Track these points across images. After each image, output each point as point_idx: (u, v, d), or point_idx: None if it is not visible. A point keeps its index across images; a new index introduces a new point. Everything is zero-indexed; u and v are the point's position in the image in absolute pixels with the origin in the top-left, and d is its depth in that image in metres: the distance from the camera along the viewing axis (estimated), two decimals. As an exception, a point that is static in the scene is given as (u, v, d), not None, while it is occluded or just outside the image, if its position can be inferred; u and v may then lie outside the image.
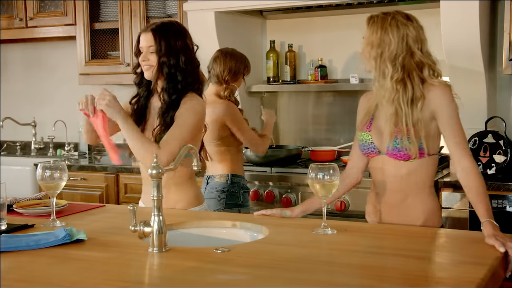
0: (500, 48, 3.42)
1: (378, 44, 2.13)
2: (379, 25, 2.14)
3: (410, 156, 2.12)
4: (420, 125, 2.10)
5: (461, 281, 1.51)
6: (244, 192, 3.22)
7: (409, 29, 2.12)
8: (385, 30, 2.12)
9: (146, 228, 1.84)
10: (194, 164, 2.09)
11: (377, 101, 2.20)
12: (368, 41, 2.17)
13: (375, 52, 2.14)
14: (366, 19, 2.21)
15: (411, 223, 2.17)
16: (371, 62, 2.16)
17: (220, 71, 3.19)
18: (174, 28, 2.50)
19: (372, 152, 2.21)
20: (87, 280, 1.57)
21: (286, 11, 4.00)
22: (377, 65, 2.15)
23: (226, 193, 3.16)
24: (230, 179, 3.18)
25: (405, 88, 2.11)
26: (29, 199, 2.53)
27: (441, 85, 2.13)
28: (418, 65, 2.13)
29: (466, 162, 2.08)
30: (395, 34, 2.11)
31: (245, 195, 3.22)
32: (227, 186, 3.17)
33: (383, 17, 2.15)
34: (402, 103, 2.10)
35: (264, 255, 1.77)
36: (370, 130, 2.22)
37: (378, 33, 2.13)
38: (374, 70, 2.16)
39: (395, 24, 2.12)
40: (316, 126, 4.10)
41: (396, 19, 2.13)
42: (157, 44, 2.44)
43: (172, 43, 2.45)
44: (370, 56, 2.16)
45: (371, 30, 2.16)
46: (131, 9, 4.18)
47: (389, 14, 2.16)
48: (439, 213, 2.25)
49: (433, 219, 2.20)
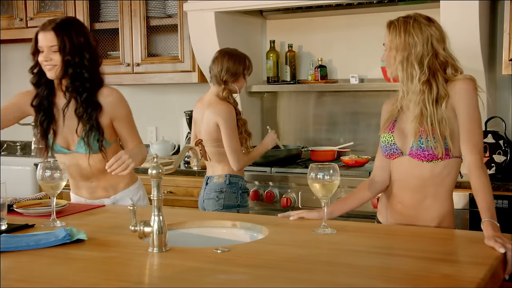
0: (500, 48, 3.42)
1: (404, 48, 2.11)
2: (402, 28, 2.12)
3: (435, 156, 2.10)
4: (445, 124, 2.08)
5: (461, 281, 1.51)
6: (243, 192, 3.21)
7: (432, 29, 2.12)
8: (409, 33, 2.11)
9: (146, 228, 1.84)
10: (194, 164, 2.09)
11: (402, 105, 2.18)
12: (392, 45, 2.14)
13: (401, 56, 2.12)
14: (386, 24, 2.18)
15: (425, 224, 2.16)
16: (397, 66, 2.14)
17: (218, 72, 3.17)
18: (76, 25, 2.49)
19: (395, 153, 2.19)
20: (87, 280, 1.57)
21: (286, 11, 4.00)
22: (404, 69, 2.12)
23: (224, 194, 3.16)
24: (229, 180, 3.18)
25: (430, 88, 2.10)
26: (29, 199, 2.53)
27: (464, 79, 2.11)
28: (442, 65, 2.13)
29: (471, 158, 2.06)
30: (419, 36, 2.10)
31: (244, 196, 3.22)
32: (225, 187, 3.17)
33: (404, 20, 2.14)
34: (428, 103, 2.09)
35: (264, 255, 1.77)
36: (392, 131, 2.20)
37: (402, 36, 2.11)
38: (401, 74, 2.13)
39: (418, 26, 2.11)
40: (316, 126, 4.09)
41: (419, 21, 2.12)
42: (61, 42, 2.41)
43: (75, 41, 2.44)
44: (396, 60, 2.14)
45: (393, 34, 2.14)
46: (131, 9, 4.18)
47: (410, 17, 2.15)
48: (453, 215, 2.23)
49: (448, 222, 2.19)
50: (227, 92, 3.17)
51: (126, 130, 2.57)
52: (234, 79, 3.19)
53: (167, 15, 4.17)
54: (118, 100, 2.54)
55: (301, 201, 3.44)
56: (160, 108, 4.58)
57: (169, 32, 4.18)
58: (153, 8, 4.16)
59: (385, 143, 2.22)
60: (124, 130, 2.57)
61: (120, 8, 4.22)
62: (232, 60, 3.19)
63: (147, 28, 4.17)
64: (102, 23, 4.36)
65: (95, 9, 4.37)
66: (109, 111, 2.51)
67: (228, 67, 3.16)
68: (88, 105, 2.46)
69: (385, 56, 2.20)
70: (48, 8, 4.52)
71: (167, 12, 4.17)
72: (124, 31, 4.22)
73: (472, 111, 2.09)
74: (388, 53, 2.18)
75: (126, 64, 4.23)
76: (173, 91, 4.50)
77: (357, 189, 2.34)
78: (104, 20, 4.36)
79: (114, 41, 4.43)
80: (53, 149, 2.56)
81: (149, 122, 4.57)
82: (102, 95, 2.51)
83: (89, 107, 2.46)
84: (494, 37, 3.50)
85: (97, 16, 4.37)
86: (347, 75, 3.92)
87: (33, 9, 4.52)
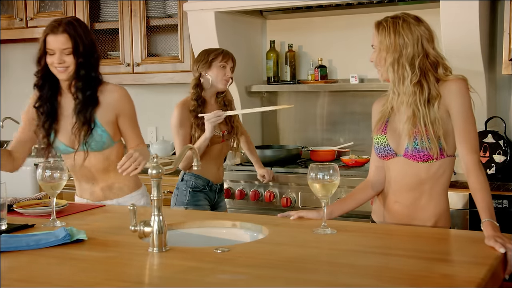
0: (500, 48, 3.42)
1: (394, 49, 2.09)
2: (392, 29, 2.09)
3: (431, 157, 2.09)
4: (438, 124, 2.07)
5: (461, 281, 1.51)
6: (194, 191, 3.14)
7: (421, 29, 2.10)
8: (399, 34, 2.08)
9: (146, 228, 1.84)
10: (194, 164, 2.09)
11: (393, 105, 2.17)
12: (382, 47, 2.12)
13: (392, 57, 2.10)
14: (374, 25, 2.16)
15: (422, 223, 2.16)
16: (388, 68, 2.12)
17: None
18: (83, 25, 2.49)
19: (389, 154, 2.18)
20: (87, 280, 1.57)
21: (286, 11, 4.00)
22: (395, 70, 2.10)
23: (178, 191, 3.19)
24: (182, 177, 3.19)
25: (422, 89, 2.08)
26: (29, 199, 2.53)
27: (456, 79, 2.10)
28: (433, 65, 2.11)
29: (469, 158, 2.05)
30: (410, 37, 2.08)
31: (196, 194, 3.15)
32: (179, 184, 3.19)
33: (393, 21, 2.11)
34: (420, 104, 2.07)
35: (264, 255, 1.77)
36: (385, 132, 2.20)
37: (391, 37, 2.09)
38: (392, 75, 2.11)
39: (408, 27, 2.08)
40: (316, 126, 4.09)
41: (408, 22, 2.09)
42: (74, 44, 2.41)
43: (85, 41, 2.44)
44: (386, 62, 2.12)
45: (383, 35, 2.11)
46: (131, 9, 4.18)
47: (399, 17, 2.11)
48: (449, 214, 2.23)
49: (444, 220, 2.19)
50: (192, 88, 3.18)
51: (130, 128, 2.57)
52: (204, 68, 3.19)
53: (167, 15, 4.17)
54: (123, 96, 2.54)
55: (301, 201, 3.45)
56: (160, 108, 4.58)
57: (169, 32, 4.18)
58: (153, 8, 4.16)
59: (379, 145, 2.21)
60: (129, 128, 2.56)
61: (120, 8, 4.22)
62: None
63: (147, 28, 4.17)
64: (102, 23, 4.36)
65: (95, 9, 4.37)
66: (114, 107, 2.51)
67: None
68: (90, 102, 2.47)
69: (374, 57, 2.17)
70: (48, 8, 4.52)
71: (167, 12, 4.17)
72: (124, 31, 4.22)
73: (466, 111, 2.08)
74: (377, 54, 2.15)
75: (126, 64, 4.23)
76: (173, 91, 4.50)
77: (356, 190, 2.34)
78: (104, 20, 4.36)
79: (114, 41, 4.43)
80: (59, 149, 2.56)
81: (149, 122, 4.57)
82: (107, 91, 2.51)
83: (90, 105, 2.47)
84: (494, 37, 3.50)
85: (97, 16, 4.37)
86: (347, 75, 3.92)
87: (33, 9, 4.52)
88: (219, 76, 3.13)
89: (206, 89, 3.16)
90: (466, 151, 2.07)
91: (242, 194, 3.57)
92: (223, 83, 3.15)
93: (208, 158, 3.14)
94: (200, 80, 3.15)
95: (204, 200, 3.18)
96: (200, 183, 3.16)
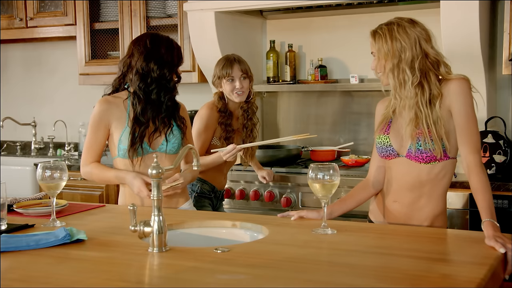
0: (500, 48, 3.42)
1: (393, 55, 2.09)
2: (388, 36, 2.10)
3: (434, 158, 2.10)
4: (440, 124, 2.07)
5: (461, 281, 1.51)
6: (198, 196, 3.12)
7: (417, 30, 2.10)
8: (395, 39, 2.09)
9: (146, 228, 1.84)
10: (194, 164, 2.09)
11: (395, 107, 2.17)
12: (380, 55, 2.13)
13: (391, 63, 2.10)
14: (369, 34, 2.16)
15: (418, 223, 2.16)
16: (388, 74, 2.12)
17: None
18: None
19: (391, 154, 2.19)
20: (87, 280, 1.57)
21: (286, 11, 4.00)
22: (395, 76, 2.11)
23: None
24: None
25: (423, 90, 2.09)
26: (29, 199, 2.53)
27: (458, 79, 2.10)
28: (434, 64, 2.11)
29: (470, 158, 2.06)
30: (407, 41, 2.08)
31: (200, 200, 3.12)
32: (188, 187, 3.09)
33: (388, 27, 2.12)
34: (422, 105, 2.08)
35: (264, 255, 1.77)
36: (388, 132, 2.20)
37: (388, 43, 2.09)
38: (393, 81, 2.12)
39: (403, 31, 2.09)
40: (316, 126, 4.09)
41: (402, 25, 2.10)
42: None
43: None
44: (386, 68, 2.12)
45: (380, 43, 2.12)
46: (131, 9, 4.18)
47: (393, 23, 2.12)
48: (446, 215, 2.24)
49: (440, 222, 2.20)
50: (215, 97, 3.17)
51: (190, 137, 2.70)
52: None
53: (167, 15, 4.17)
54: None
55: (301, 201, 3.45)
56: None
57: (169, 32, 4.17)
58: (153, 8, 4.16)
59: (381, 145, 2.21)
60: (189, 137, 2.67)
61: (120, 8, 4.22)
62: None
63: (147, 28, 4.17)
64: (102, 23, 4.36)
65: (95, 9, 4.37)
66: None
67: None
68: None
69: (374, 65, 2.18)
70: (48, 8, 4.52)
71: (167, 12, 4.17)
72: (124, 31, 4.22)
73: (468, 111, 2.08)
74: (377, 62, 2.16)
75: (126, 64, 4.22)
76: (173, 91, 4.50)
77: (356, 190, 2.33)
78: (104, 20, 4.36)
79: (114, 41, 4.43)
80: (142, 148, 2.50)
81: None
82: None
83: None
84: (494, 37, 3.50)
85: (97, 16, 4.37)
86: (347, 75, 3.92)
87: (33, 9, 4.53)
88: (230, 92, 3.09)
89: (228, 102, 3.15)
90: (468, 151, 2.07)
91: (242, 194, 3.57)
92: (236, 97, 3.10)
93: (218, 167, 3.12)
94: (222, 93, 3.15)
95: (208, 206, 3.17)
96: (206, 188, 3.15)
